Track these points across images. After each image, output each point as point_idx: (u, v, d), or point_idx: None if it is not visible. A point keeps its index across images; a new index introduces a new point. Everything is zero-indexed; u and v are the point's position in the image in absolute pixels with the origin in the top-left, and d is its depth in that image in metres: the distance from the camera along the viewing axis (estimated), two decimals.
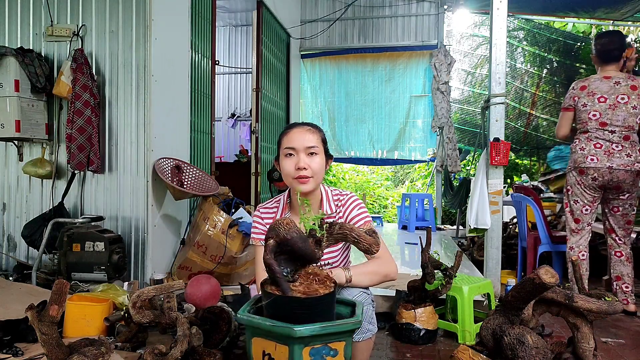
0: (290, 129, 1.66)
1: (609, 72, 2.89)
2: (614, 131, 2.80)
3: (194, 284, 2.36)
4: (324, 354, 1.13)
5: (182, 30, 3.51)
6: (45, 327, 1.34)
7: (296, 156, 1.60)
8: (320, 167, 1.62)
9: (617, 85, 2.83)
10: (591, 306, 1.41)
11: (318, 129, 1.69)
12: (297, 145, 1.60)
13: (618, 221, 2.92)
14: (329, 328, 1.12)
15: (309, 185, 1.60)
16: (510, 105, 7.20)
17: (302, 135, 1.61)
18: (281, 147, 1.66)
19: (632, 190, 2.85)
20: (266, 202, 1.79)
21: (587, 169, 2.85)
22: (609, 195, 2.92)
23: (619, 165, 2.77)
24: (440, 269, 2.40)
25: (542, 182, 5.85)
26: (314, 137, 1.63)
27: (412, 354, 2.23)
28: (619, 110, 2.79)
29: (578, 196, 2.94)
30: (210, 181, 3.45)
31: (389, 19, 6.62)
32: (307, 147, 1.60)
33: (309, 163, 1.59)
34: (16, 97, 3.00)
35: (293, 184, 1.62)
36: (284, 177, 1.65)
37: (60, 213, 3.14)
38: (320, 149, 1.63)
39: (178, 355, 1.60)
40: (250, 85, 5.37)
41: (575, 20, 6.75)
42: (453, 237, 5.53)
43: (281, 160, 1.64)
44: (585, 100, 2.88)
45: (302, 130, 1.63)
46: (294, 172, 1.59)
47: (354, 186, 9.83)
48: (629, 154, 2.79)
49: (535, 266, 3.35)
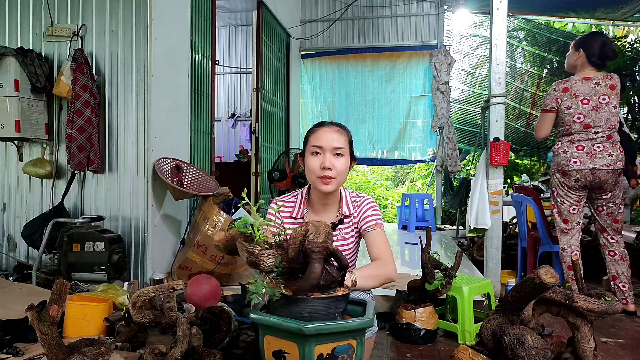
0: (319, 128, 1.68)
1: (588, 73, 2.90)
2: (598, 132, 2.83)
3: (194, 284, 2.36)
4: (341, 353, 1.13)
5: (182, 30, 3.51)
6: (45, 327, 1.34)
7: (322, 155, 1.61)
8: (344, 169, 1.64)
9: (597, 86, 2.84)
10: (591, 306, 1.41)
11: (346, 130, 1.71)
12: (324, 144, 1.61)
13: (605, 220, 2.93)
14: (339, 326, 1.13)
15: (331, 186, 1.62)
16: (510, 105, 7.20)
17: (331, 135, 1.63)
18: (308, 144, 1.67)
19: (614, 190, 2.87)
20: (284, 195, 1.81)
21: (570, 171, 2.87)
22: (592, 195, 2.94)
23: (602, 166, 2.80)
24: (440, 269, 2.40)
25: (543, 182, 5.85)
26: (342, 137, 1.65)
27: (412, 354, 2.22)
28: (601, 112, 2.82)
29: (563, 197, 2.96)
30: (210, 181, 3.45)
31: (389, 19, 6.62)
32: (335, 148, 1.62)
33: (334, 163, 1.61)
34: (16, 97, 3.00)
35: (316, 182, 1.64)
36: (308, 174, 1.66)
37: (60, 213, 3.14)
38: (346, 150, 1.65)
39: (178, 355, 1.60)
40: (250, 85, 5.37)
41: (575, 20, 6.75)
42: (453, 237, 5.53)
43: (307, 157, 1.66)
44: (569, 102, 2.89)
45: (331, 130, 1.64)
46: (319, 171, 1.61)
47: (354, 186, 9.83)
48: (611, 153, 2.80)
49: (535, 266, 3.35)
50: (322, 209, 1.71)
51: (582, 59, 2.92)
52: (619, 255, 2.91)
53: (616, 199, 2.90)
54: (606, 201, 2.91)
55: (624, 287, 2.88)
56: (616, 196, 2.89)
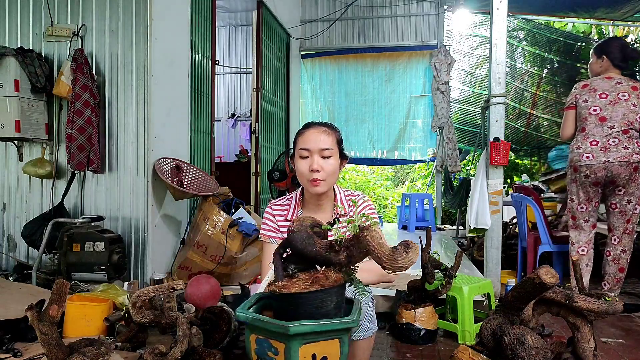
0: (306, 129, 1.66)
1: (611, 74, 2.91)
2: (613, 126, 2.80)
3: (194, 284, 2.36)
4: None
5: (182, 30, 3.51)
6: (45, 327, 1.34)
7: (310, 158, 1.61)
8: (334, 169, 1.63)
9: (618, 84, 2.85)
10: (591, 306, 1.41)
11: (334, 129, 1.69)
12: (311, 146, 1.60)
13: (617, 219, 2.90)
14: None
15: (321, 188, 1.61)
16: (510, 105, 7.19)
17: (317, 136, 1.61)
18: (296, 147, 1.66)
19: (628, 185, 2.82)
20: (279, 198, 1.80)
21: (580, 166, 2.86)
22: (606, 191, 2.92)
23: (615, 159, 2.77)
24: (440, 269, 2.40)
25: (543, 182, 5.85)
26: (329, 138, 1.63)
27: (412, 354, 2.23)
28: (619, 106, 2.80)
29: (574, 194, 2.96)
30: (210, 181, 3.45)
31: (389, 19, 6.62)
32: (322, 149, 1.60)
33: (322, 165, 1.60)
34: (16, 97, 3.00)
35: (307, 185, 1.64)
36: (298, 177, 1.66)
37: (60, 213, 3.14)
38: (335, 151, 1.64)
39: (178, 355, 1.60)
40: (250, 85, 5.37)
41: (575, 20, 6.74)
42: (453, 237, 5.53)
43: (296, 160, 1.65)
44: (587, 96, 2.89)
45: (318, 131, 1.63)
46: (307, 173, 1.60)
47: (354, 186, 9.82)
48: (626, 146, 2.78)
49: (536, 266, 3.35)
50: (316, 209, 1.70)
51: (606, 64, 2.93)
52: (612, 257, 2.91)
53: (631, 197, 2.84)
54: (619, 197, 2.86)
55: (604, 287, 2.92)
56: (631, 194, 2.83)
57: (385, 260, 1.04)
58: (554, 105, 7.06)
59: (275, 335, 1.13)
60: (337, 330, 1.15)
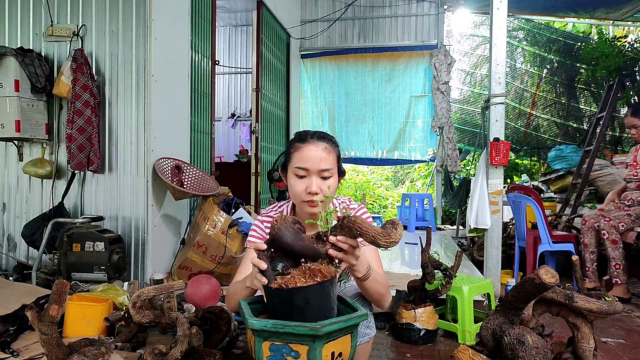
0: (304, 144, 1.47)
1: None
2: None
3: (194, 284, 2.36)
4: (284, 353, 1.11)
5: (182, 30, 3.51)
6: (45, 327, 1.34)
7: (308, 178, 1.44)
8: (333, 190, 1.48)
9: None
10: (591, 306, 1.41)
11: (334, 144, 1.52)
12: (310, 166, 1.43)
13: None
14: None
15: (318, 209, 1.45)
16: (510, 105, 7.20)
17: (317, 155, 1.44)
18: (291, 163, 1.48)
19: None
20: (269, 208, 1.68)
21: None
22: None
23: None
24: (440, 269, 2.40)
25: (543, 182, 5.85)
26: (330, 157, 1.46)
27: (412, 354, 2.22)
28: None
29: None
30: (210, 181, 3.45)
31: (389, 19, 6.62)
32: (322, 170, 1.44)
33: (321, 187, 1.44)
34: (16, 97, 3.00)
35: (302, 205, 1.48)
36: (292, 195, 1.51)
37: (60, 213, 3.14)
38: (335, 170, 1.48)
39: (178, 355, 1.60)
40: (250, 85, 5.38)
41: (575, 20, 6.75)
42: (453, 237, 5.53)
43: (290, 176, 1.49)
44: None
45: (317, 149, 1.45)
46: (304, 195, 1.45)
47: (354, 186, 9.83)
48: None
49: (535, 266, 3.34)
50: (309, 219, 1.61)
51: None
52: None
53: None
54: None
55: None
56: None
57: (379, 238, 1.10)
58: (554, 106, 7.07)
59: (299, 338, 1.08)
60: (352, 326, 1.14)
